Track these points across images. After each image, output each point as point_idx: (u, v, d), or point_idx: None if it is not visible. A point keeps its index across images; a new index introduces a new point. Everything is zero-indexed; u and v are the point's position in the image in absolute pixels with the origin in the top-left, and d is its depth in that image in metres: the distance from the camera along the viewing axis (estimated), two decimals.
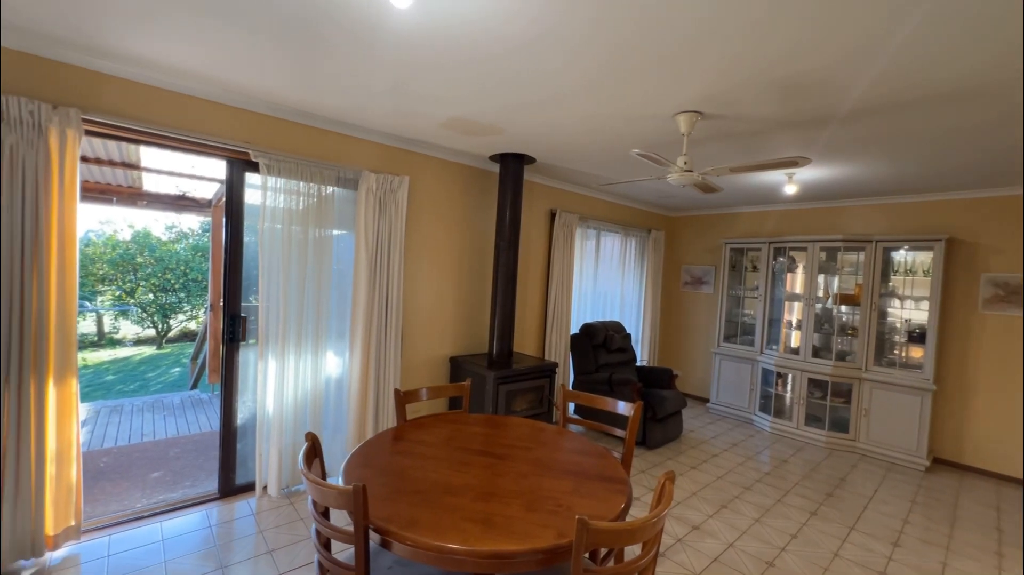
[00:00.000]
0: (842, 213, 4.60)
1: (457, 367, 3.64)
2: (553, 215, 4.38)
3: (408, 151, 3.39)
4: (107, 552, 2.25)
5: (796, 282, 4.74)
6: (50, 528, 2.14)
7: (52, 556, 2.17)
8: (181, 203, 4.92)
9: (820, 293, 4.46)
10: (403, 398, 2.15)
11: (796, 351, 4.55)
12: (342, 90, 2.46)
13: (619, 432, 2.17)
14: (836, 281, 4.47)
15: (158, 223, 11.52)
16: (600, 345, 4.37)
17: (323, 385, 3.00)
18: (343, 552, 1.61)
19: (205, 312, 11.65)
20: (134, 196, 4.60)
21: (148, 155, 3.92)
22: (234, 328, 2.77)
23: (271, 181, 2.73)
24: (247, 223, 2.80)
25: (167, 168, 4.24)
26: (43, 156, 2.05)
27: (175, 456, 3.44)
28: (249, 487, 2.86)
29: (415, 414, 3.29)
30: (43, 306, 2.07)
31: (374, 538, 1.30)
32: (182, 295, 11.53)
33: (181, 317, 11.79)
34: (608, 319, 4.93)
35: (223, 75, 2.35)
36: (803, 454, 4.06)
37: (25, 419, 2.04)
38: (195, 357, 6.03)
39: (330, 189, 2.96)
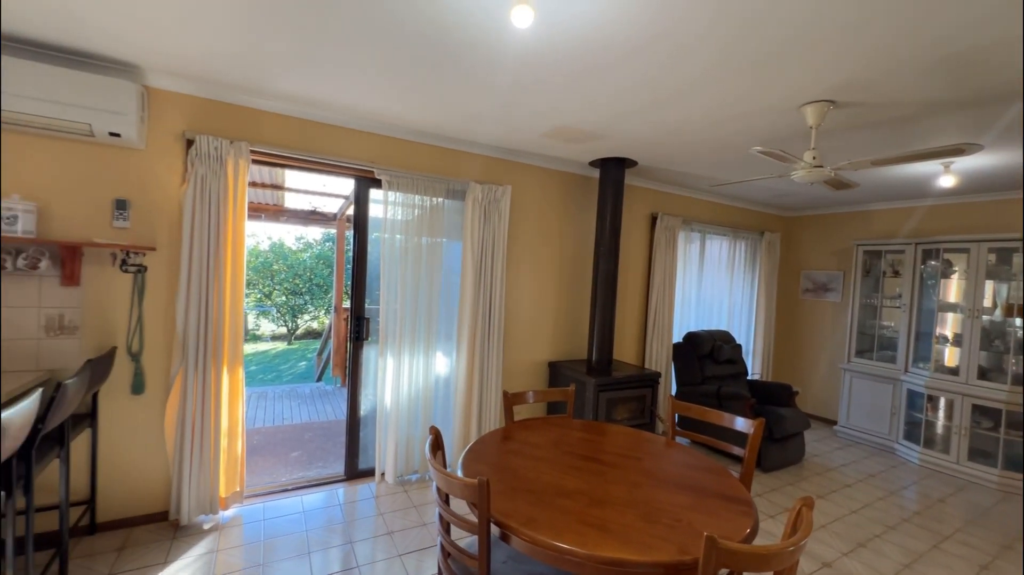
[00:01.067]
0: (1010, 208, 3.81)
1: (556, 372, 3.67)
2: (654, 219, 4.23)
3: (510, 161, 3.51)
4: (263, 516, 2.64)
5: (952, 290, 4.02)
6: (222, 491, 2.57)
7: (223, 515, 2.60)
8: (312, 217, 5.63)
9: (987, 303, 3.73)
10: (511, 400, 2.23)
11: (954, 371, 3.85)
12: (458, 111, 2.64)
13: (736, 450, 2.02)
14: (1006, 289, 3.71)
15: (289, 235, 13.21)
16: (706, 356, 4.11)
17: (433, 383, 3.22)
18: (461, 540, 1.71)
19: (328, 313, 13.11)
20: (277, 212, 5.37)
21: (290, 177, 4.55)
22: (359, 328, 3.10)
23: (391, 195, 3.02)
24: (369, 234, 3.12)
25: (303, 187, 4.88)
26: (223, 182, 2.49)
27: (309, 439, 3.92)
28: (370, 472, 3.17)
29: (518, 416, 3.38)
30: (221, 306, 2.51)
31: (494, 531, 1.37)
32: (307, 298, 13.09)
33: (306, 317, 13.36)
34: (714, 328, 4.62)
35: (355, 104, 2.65)
36: (966, 495, 3.42)
37: (208, 400, 2.48)
38: (320, 353, 6.82)
39: (441, 201, 3.18)
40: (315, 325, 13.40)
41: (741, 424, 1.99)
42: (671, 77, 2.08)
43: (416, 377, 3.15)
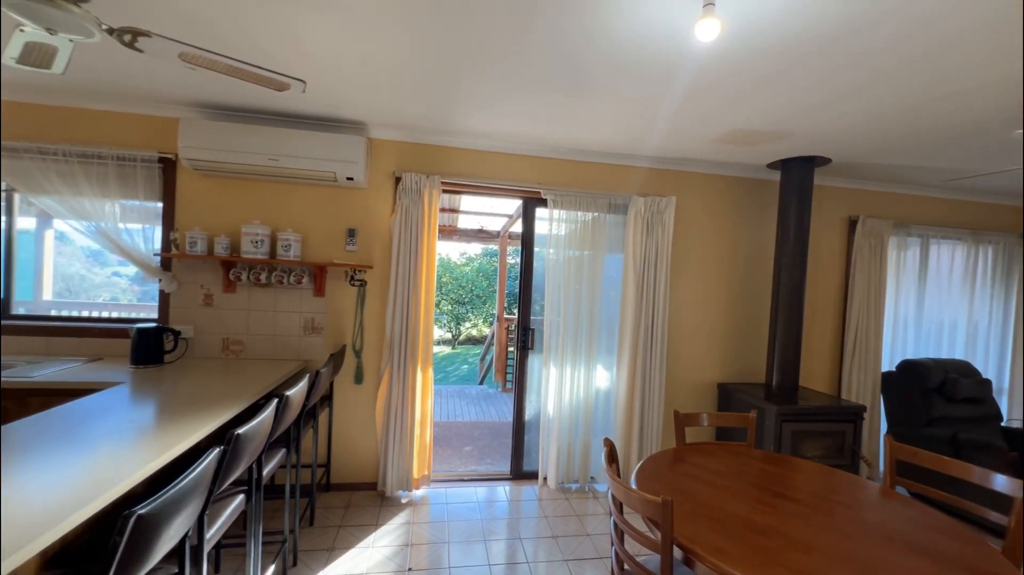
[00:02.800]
0: None
1: (726, 395, 3.37)
2: (853, 223, 3.59)
3: (674, 171, 3.39)
4: (445, 500, 3.01)
5: None
6: (415, 473, 3.01)
7: (415, 494, 3.04)
8: (479, 235, 6.25)
9: None
10: (682, 420, 2.13)
11: None
12: (623, 126, 2.68)
13: (993, 515, 1.59)
14: None
15: (455, 251, 14.78)
16: (934, 391, 3.29)
17: (593, 395, 3.26)
18: (638, 557, 1.70)
19: (486, 322, 14.26)
20: (451, 232, 6.11)
21: (464, 201, 5.16)
22: (525, 338, 3.32)
23: (556, 213, 3.18)
24: (535, 250, 3.34)
25: (473, 209, 5.46)
26: (420, 210, 2.96)
27: (478, 436, 4.33)
28: (533, 475, 3.34)
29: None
30: (417, 314, 2.97)
31: (676, 553, 1.34)
32: (469, 307, 14.43)
33: (467, 324, 14.72)
34: (945, 357, 3.68)
35: (524, 132, 2.90)
36: None
37: (406, 394, 2.96)
38: (482, 358, 7.45)
39: (603, 215, 3.23)
40: (474, 332, 14.69)
41: (1002, 484, 1.56)
42: (874, 59, 1.78)
43: (577, 388, 3.23)
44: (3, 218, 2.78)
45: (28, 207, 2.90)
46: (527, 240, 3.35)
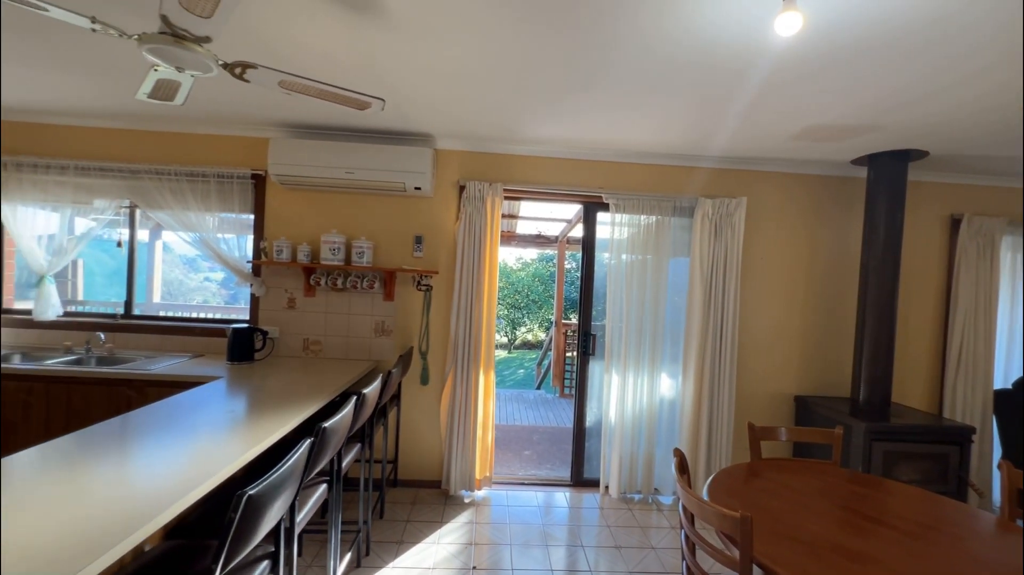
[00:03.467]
0: None
1: (804, 409, 3.13)
2: (956, 222, 3.23)
3: (744, 171, 3.23)
4: (506, 502, 3.05)
5: None
6: (477, 473, 3.07)
7: (477, 494, 3.11)
8: (536, 240, 6.29)
9: None
10: (758, 433, 2.02)
11: None
12: (691, 128, 2.60)
13: None
14: None
15: (511, 256, 14.94)
16: None
17: (657, 404, 3.17)
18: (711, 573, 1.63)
19: (545, 327, 14.25)
20: (509, 238, 6.20)
21: (523, 207, 5.22)
22: (586, 344, 3.30)
23: (618, 217, 3.14)
24: (596, 254, 3.31)
25: (532, 215, 5.51)
26: (483, 217, 3.04)
27: (537, 441, 4.34)
28: (594, 483, 3.30)
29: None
30: (479, 318, 3.04)
31: (755, 572, 1.27)
32: (525, 312, 14.49)
33: (523, 329, 14.78)
34: None
35: (586, 137, 2.89)
36: None
37: (469, 396, 3.03)
38: (539, 363, 7.46)
39: (667, 219, 3.14)
40: (529, 337, 14.72)
41: None
42: (992, 46, 1.60)
43: (640, 396, 3.15)
44: (128, 231, 3.19)
45: (146, 221, 3.31)
46: (588, 245, 3.33)
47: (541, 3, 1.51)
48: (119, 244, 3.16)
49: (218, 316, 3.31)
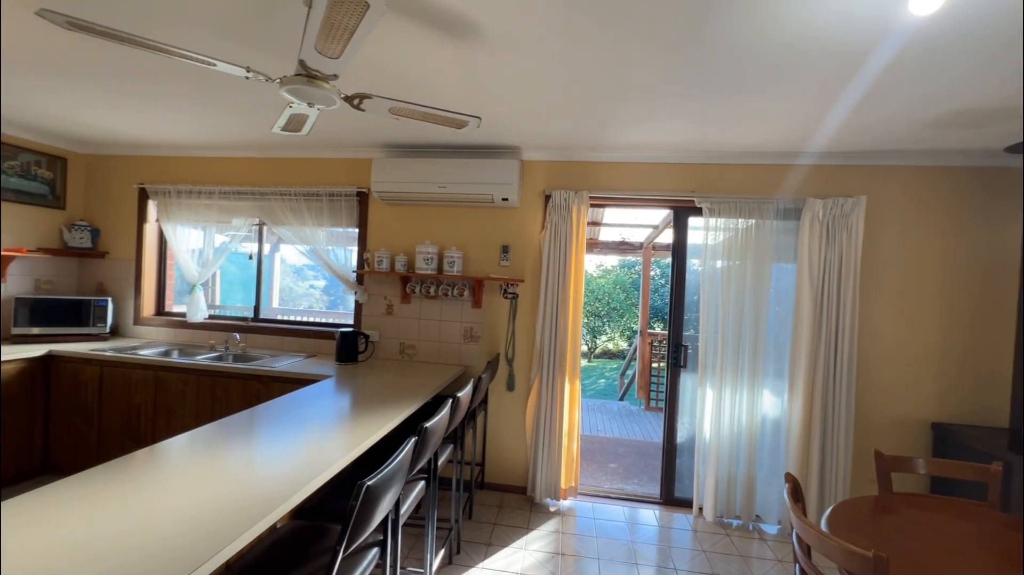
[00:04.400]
0: None
1: (944, 438, 2.70)
2: None
3: (863, 166, 2.89)
4: (592, 515, 2.99)
5: None
6: (563, 483, 3.05)
7: (562, 503, 3.09)
8: (621, 247, 6.14)
9: None
10: (888, 463, 1.78)
11: None
12: (797, 121, 2.40)
13: None
14: None
15: (590, 263, 14.73)
16: None
17: (759, 423, 2.92)
18: None
19: (627, 335, 13.85)
20: (592, 245, 6.12)
21: (607, 213, 5.14)
22: (677, 355, 3.14)
23: (712, 222, 2.97)
24: (687, 261, 3.15)
25: (616, 221, 5.40)
26: (569, 226, 3.05)
27: (622, 454, 4.21)
28: (686, 503, 3.12)
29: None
30: (565, 326, 3.04)
31: None
32: (605, 320, 14.17)
33: (603, 338, 14.45)
34: None
35: (677, 140, 2.78)
36: None
37: (554, 404, 3.04)
38: (622, 373, 7.24)
39: (767, 222, 2.91)
40: (610, 346, 14.34)
41: None
42: None
43: (738, 413, 2.93)
44: (258, 245, 3.68)
45: (270, 236, 3.78)
46: (678, 251, 3.19)
47: (629, 7, 1.49)
48: (251, 257, 3.65)
49: (320, 320, 3.67)
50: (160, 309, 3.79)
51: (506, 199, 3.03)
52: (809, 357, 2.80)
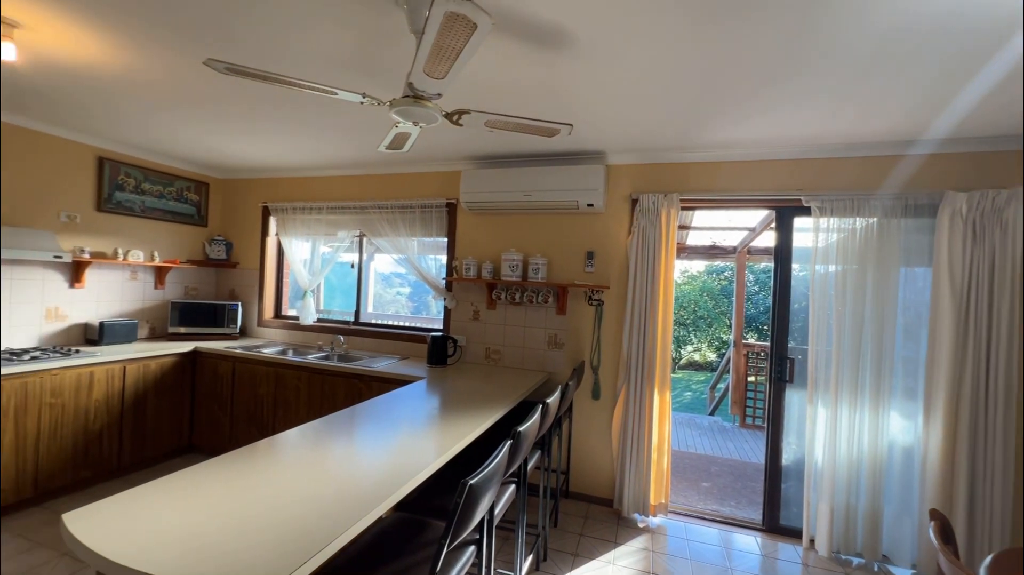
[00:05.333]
0: None
1: None
2: None
3: (1015, 152, 2.44)
4: (685, 535, 2.82)
5: None
6: (652, 499, 2.92)
7: (651, 520, 2.95)
8: (711, 252, 5.78)
9: None
10: None
11: None
12: (920, 106, 2.10)
13: None
14: None
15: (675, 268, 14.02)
16: None
17: (884, 449, 2.57)
18: None
19: (715, 346, 12.99)
20: (679, 249, 5.83)
21: (697, 216, 4.88)
22: (782, 369, 2.88)
23: (823, 222, 2.69)
24: (793, 266, 2.88)
25: (707, 224, 5.10)
26: (658, 230, 2.94)
27: (716, 473, 3.92)
28: (794, 533, 2.82)
29: None
30: (654, 335, 2.92)
31: None
32: (691, 329, 13.40)
33: (688, 348, 13.65)
34: None
35: (778, 135, 2.56)
36: None
37: (642, 415, 2.92)
38: (713, 386, 6.78)
39: (892, 221, 2.57)
40: (696, 357, 13.51)
41: None
42: None
43: (858, 436, 2.60)
44: (359, 255, 4.01)
45: (368, 246, 4.10)
46: (782, 255, 2.93)
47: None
48: (352, 265, 3.99)
49: (406, 324, 3.89)
50: (278, 312, 4.28)
51: (591, 205, 3.00)
52: (951, 376, 2.41)
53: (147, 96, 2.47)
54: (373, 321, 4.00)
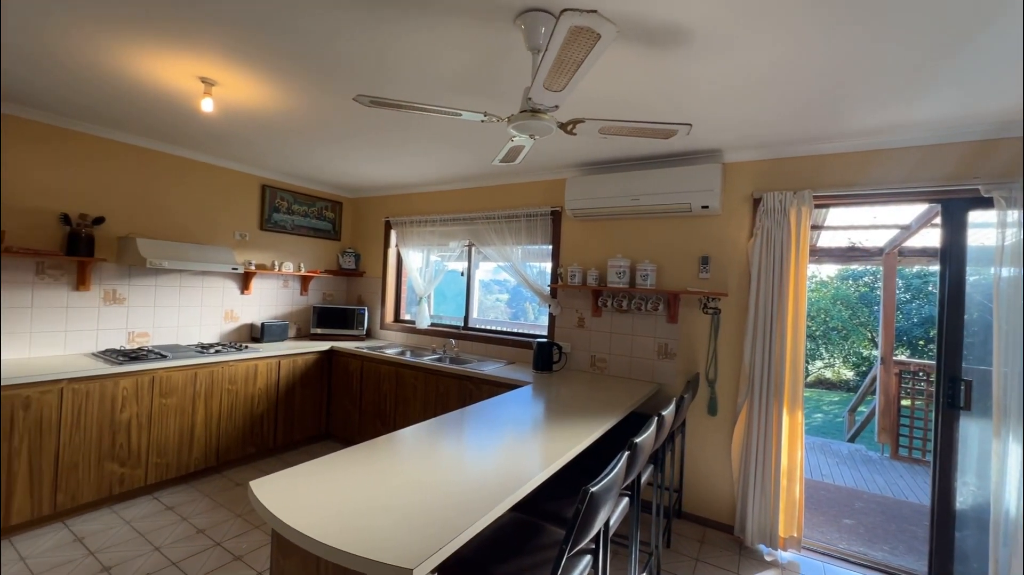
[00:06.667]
0: None
1: None
2: None
3: None
4: (823, 574, 2.48)
5: None
6: (781, 531, 2.62)
7: (781, 554, 2.65)
8: (849, 254, 5.06)
9: None
10: None
11: None
12: None
13: None
14: None
15: None
16: None
17: None
18: None
19: (854, 362, 11.31)
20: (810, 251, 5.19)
21: (832, 214, 4.31)
22: (953, 392, 2.40)
23: (1010, 216, 2.20)
24: (967, 270, 2.39)
25: (842, 223, 4.48)
26: (786, 231, 2.65)
27: (860, 510, 3.39)
28: None
29: None
30: (783, 347, 2.64)
31: None
32: (821, 342, 11.81)
33: (818, 364, 12.02)
34: None
35: (943, 115, 2.16)
36: None
37: (769, 436, 2.65)
38: (852, 409, 5.89)
39: None
40: (828, 374, 11.86)
41: None
42: None
43: None
44: (468, 263, 4.25)
45: (476, 255, 4.32)
46: (952, 257, 2.45)
47: None
48: (462, 273, 4.22)
49: (509, 330, 3.99)
50: (397, 316, 4.69)
51: (706, 207, 2.82)
52: None
53: (302, 131, 2.91)
54: (478, 327, 4.18)
